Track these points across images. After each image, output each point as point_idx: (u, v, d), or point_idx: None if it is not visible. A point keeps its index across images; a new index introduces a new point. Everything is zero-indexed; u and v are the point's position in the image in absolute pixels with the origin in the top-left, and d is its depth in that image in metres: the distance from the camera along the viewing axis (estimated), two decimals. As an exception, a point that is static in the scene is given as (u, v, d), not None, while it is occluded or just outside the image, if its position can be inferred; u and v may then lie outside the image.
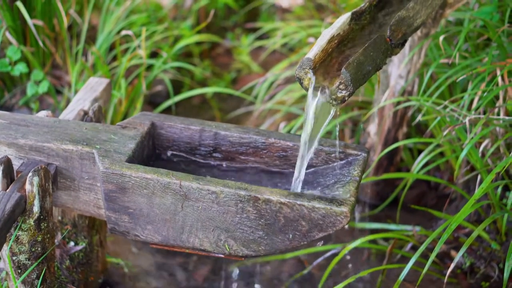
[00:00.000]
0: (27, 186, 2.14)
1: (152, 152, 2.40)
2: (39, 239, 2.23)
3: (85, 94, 2.66)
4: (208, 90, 3.68)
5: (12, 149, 2.25)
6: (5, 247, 2.22)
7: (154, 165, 2.37)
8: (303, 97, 3.60)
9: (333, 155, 2.29)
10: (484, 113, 2.76)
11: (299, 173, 2.21)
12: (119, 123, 2.36)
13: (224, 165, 2.40)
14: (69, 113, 2.55)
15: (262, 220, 2.11)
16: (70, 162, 2.24)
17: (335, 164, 2.29)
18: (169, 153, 2.42)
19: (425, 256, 2.65)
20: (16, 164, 2.25)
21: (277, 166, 2.36)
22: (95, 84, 2.73)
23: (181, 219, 2.17)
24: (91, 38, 3.72)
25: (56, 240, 2.54)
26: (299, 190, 2.22)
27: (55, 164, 2.25)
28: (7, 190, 2.13)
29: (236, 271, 2.89)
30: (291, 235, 2.11)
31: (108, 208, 2.21)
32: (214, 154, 2.39)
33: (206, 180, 2.12)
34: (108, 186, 2.17)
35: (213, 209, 2.13)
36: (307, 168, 2.26)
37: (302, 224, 2.08)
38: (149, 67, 3.76)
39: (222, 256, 2.21)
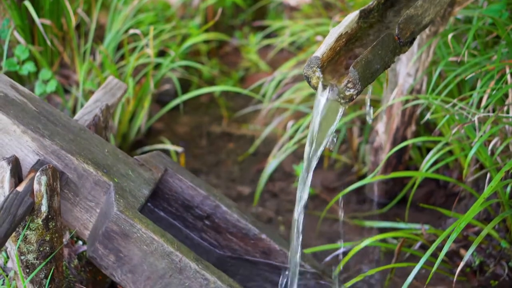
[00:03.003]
0: (35, 186, 2.13)
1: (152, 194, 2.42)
2: (47, 238, 2.23)
3: (104, 96, 2.60)
4: (216, 89, 3.68)
5: (35, 143, 2.21)
6: (14, 247, 2.23)
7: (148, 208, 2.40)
8: (311, 96, 3.59)
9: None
10: (493, 111, 2.74)
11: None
12: (137, 157, 2.36)
13: (208, 236, 2.45)
14: (87, 113, 2.49)
15: None
16: (83, 180, 2.23)
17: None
18: (165, 203, 2.45)
19: (434, 254, 2.64)
20: (31, 157, 2.23)
21: (255, 258, 2.43)
22: (114, 87, 2.65)
23: (163, 285, 2.17)
24: (99, 37, 3.73)
25: (64, 239, 2.54)
26: None
27: (68, 175, 2.24)
28: (21, 191, 2.11)
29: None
30: None
31: (100, 242, 2.19)
32: (205, 221, 2.43)
33: (204, 265, 2.15)
34: (113, 227, 2.16)
35: None
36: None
37: None
38: (157, 66, 3.76)
39: None
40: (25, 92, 2.33)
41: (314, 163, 2.19)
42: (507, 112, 2.68)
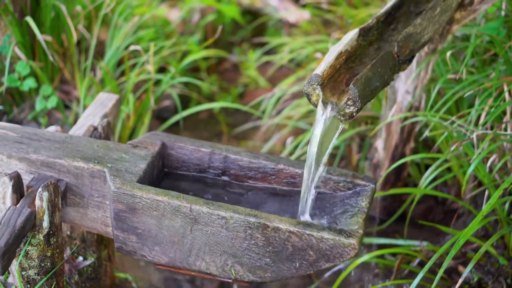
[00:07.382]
0: (37, 202, 2.15)
1: (161, 172, 2.41)
2: (49, 254, 2.24)
3: (95, 109, 2.67)
4: (216, 105, 3.69)
5: (23, 163, 2.26)
6: (15, 262, 2.23)
7: (163, 185, 2.38)
8: (310, 112, 3.61)
9: (341, 184, 2.30)
10: (492, 128, 2.76)
11: (306, 200, 2.22)
12: (130, 142, 2.36)
13: (232, 187, 2.40)
14: (79, 128, 2.55)
15: (270, 248, 2.12)
16: (80, 179, 2.25)
17: (343, 193, 2.30)
18: (178, 173, 2.43)
19: (432, 271, 2.65)
20: (26, 178, 2.26)
21: (285, 192, 2.37)
22: (105, 100, 2.74)
23: (189, 242, 2.17)
24: (100, 53, 3.74)
25: (65, 255, 2.54)
26: (306, 216, 2.22)
27: (65, 180, 2.26)
28: (18, 205, 2.14)
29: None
30: (298, 264, 2.12)
31: (116, 227, 2.22)
32: (223, 177, 2.40)
33: (217, 205, 2.13)
34: (118, 205, 2.18)
35: (222, 234, 2.13)
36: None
37: (310, 253, 2.09)
38: (157, 82, 3.78)
39: (228, 280, 2.22)
40: (4, 125, 2.40)
41: (313, 186, 2.20)
42: (505, 130, 2.69)
